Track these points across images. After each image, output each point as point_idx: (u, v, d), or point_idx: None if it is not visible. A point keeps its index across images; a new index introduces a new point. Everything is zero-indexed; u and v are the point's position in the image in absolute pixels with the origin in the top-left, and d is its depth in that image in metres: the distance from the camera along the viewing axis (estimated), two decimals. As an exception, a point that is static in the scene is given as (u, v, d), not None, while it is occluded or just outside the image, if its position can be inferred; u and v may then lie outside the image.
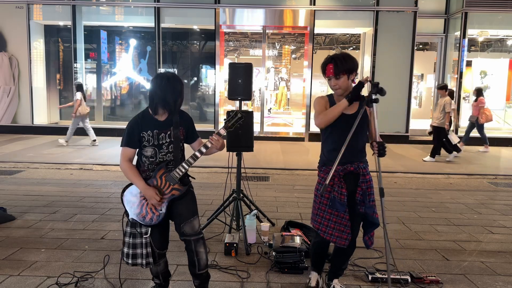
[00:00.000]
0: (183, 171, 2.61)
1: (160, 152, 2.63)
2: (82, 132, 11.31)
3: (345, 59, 2.68)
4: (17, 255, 3.56)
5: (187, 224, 2.64)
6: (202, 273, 2.72)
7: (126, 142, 2.64)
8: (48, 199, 5.32)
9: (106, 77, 12.74)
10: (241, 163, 4.22)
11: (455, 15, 11.32)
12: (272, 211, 4.95)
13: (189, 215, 2.66)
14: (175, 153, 2.65)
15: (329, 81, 2.73)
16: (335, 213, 2.71)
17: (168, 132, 2.64)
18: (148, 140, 2.61)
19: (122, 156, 2.65)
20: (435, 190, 6.34)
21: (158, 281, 2.84)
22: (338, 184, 2.70)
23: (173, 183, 2.61)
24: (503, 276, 3.36)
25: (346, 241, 2.71)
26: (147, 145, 2.62)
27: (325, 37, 16.91)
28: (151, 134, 2.61)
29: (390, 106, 11.17)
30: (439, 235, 4.30)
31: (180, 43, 13.51)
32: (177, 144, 2.66)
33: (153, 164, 2.64)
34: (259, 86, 14.26)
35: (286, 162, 8.15)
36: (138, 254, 2.66)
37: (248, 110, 5.25)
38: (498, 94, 11.39)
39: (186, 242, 2.66)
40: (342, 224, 2.70)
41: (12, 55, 11.30)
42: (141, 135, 2.61)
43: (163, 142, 2.63)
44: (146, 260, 2.65)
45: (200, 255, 2.67)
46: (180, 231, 2.66)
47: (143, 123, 2.63)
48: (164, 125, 2.64)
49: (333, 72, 2.67)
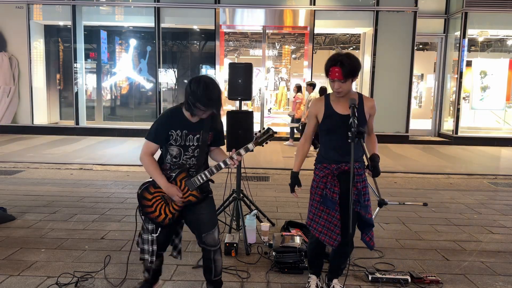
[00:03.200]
0: (204, 179, 2.58)
1: (185, 154, 2.58)
2: (82, 132, 11.34)
3: (352, 62, 2.60)
4: (17, 255, 3.56)
5: (209, 236, 2.65)
6: (217, 279, 2.78)
7: (153, 137, 2.56)
8: (48, 199, 5.32)
9: (106, 77, 12.74)
10: (241, 163, 4.22)
11: (455, 15, 11.32)
12: (272, 211, 4.95)
13: (211, 225, 2.66)
14: (199, 158, 2.61)
15: (333, 83, 2.66)
16: (326, 210, 2.72)
17: (197, 135, 2.58)
18: (176, 139, 2.55)
19: (145, 150, 2.58)
20: (435, 190, 6.34)
21: (148, 275, 2.84)
22: (331, 182, 2.72)
23: (191, 189, 2.59)
24: (503, 276, 3.36)
25: (335, 242, 2.70)
26: (173, 144, 2.56)
27: (325, 37, 16.92)
28: (180, 134, 2.54)
29: (390, 106, 11.18)
30: (439, 235, 4.30)
31: (180, 43, 13.51)
32: (203, 149, 2.61)
33: (176, 164, 2.60)
34: (259, 86, 14.27)
35: (286, 162, 8.15)
36: (145, 249, 2.69)
37: (248, 110, 5.26)
38: (498, 94, 11.38)
39: (205, 251, 2.70)
40: (332, 223, 2.70)
41: (12, 55, 11.30)
42: (169, 133, 2.53)
43: (190, 144, 2.57)
44: (151, 258, 2.68)
45: (217, 263, 2.72)
46: (201, 240, 2.66)
47: (173, 121, 2.55)
48: (194, 127, 2.56)
49: (341, 76, 2.58)
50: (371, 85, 11.34)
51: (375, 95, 11.24)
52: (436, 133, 12.16)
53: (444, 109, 12.03)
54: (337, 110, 2.72)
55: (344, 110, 2.69)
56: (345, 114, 2.69)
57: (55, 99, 12.71)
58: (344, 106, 2.71)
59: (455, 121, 11.31)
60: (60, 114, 12.78)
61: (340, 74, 2.58)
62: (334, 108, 2.73)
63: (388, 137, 10.92)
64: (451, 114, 11.81)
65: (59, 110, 12.69)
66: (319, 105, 2.79)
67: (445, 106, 12.04)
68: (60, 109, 12.89)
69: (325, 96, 2.82)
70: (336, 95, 2.73)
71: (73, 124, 11.55)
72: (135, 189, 5.90)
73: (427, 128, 12.48)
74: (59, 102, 12.86)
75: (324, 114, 2.75)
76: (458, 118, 11.32)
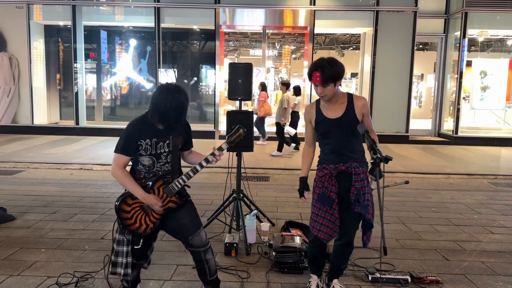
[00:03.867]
0: (182, 184, 2.57)
1: (158, 162, 2.54)
2: (82, 132, 11.34)
3: (331, 65, 2.63)
4: (17, 255, 3.56)
5: (195, 237, 2.61)
6: (213, 279, 2.74)
7: (122, 149, 2.50)
8: (48, 199, 5.32)
9: (106, 77, 12.74)
10: (241, 163, 4.23)
11: (455, 15, 11.32)
12: (272, 211, 4.95)
13: (195, 227, 2.63)
14: (173, 163, 2.59)
15: (316, 88, 2.72)
16: (323, 208, 2.75)
17: (167, 141, 2.54)
18: (146, 149, 2.50)
19: (116, 163, 2.52)
20: (435, 190, 6.34)
21: (127, 284, 2.74)
22: (329, 181, 2.75)
23: (170, 196, 2.57)
24: (503, 276, 3.36)
25: (330, 237, 2.76)
26: (143, 154, 2.51)
27: (325, 37, 16.92)
28: (149, 143, 2.49)
29: (390, 106, 11.19)
30: (439, 235, 4.30)
31: (180, 43, 13.51)
32: (175, 154, 2.59)
33: (150, 173, 2.56)
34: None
35: (286, 162, 8.15)
36: (119, 262, 2.62)
37: (248, 110, 5.26)
38: (498, 94, 11.38)
39: (195, 253, 2.65)
40: (330, 221, 2.74)
41: (12, 55, 11.30)
42: (138, 143, 2.48)
43: (162, 152, 2.53)
44: (124, 271, 2.61)
45: (210, 263, 2.68)
46: (188, 243, 2.62)
47: (141, 130, 2.50)
48: (163, 133, 2.53)
49: (320, 80, 2.63)
50: (371, 85, 11.34)
51: (375, 95, 11.25)
52: (436, 133, 12.16)
53: (444, 109, 12.03)
54: (327, 115, 2.77)
55: (334, 114, 2.75)
56: (335, 118, 2.74)
57: (55, 99, 12.71)
58: (334, 110, 2.75)
59: (455, 121, 11.31)
60: (60, 114, 12.77)
61: (319, 79, 2.63)
62: (324, 114, 2.78)
63: (388, 137, 10.92)
64: (451, 114, 11.81)
65: (59, 110, 12.69)
66: (311, 112, 2.84)
67: (445, 106, 12.04)
68: (60, 109, 12.89)
69: (316, 101, 2.87)
70: (321, 99, 2.78)
71: (73, 124, 11.56)
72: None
73: (427, 128, 12.48)
74: (59, 102, 12.86)
75: (316, 120, 2.81)
76: (458, 118, 11.32)
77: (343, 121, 2.72)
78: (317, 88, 2.70)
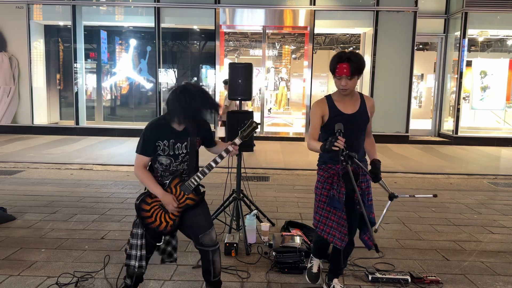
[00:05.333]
0: (198, 181, 2.59)
1: (175, 162, 2.60)
2: (82, 132, 11.34)
3: (359, 59, 2.61)
4: (17, 255, 3.56)
5: (206, 236, 2.64)
6: (216, 280, 2.78)
7: (141, 150, 2.59)
8: (48, 199, 5.32)
9: (106, 77, 12.74)
10: (241, 163, 4.23)
11: (455, 15, 11.32)
12: (272, 211, 4.94)
13: (207, 226, 2.66)
14: (190, 163, 2.63)
15: (339, 80, 2.64)
16: (333, 211, 2.71)
17: (184, 142, 2.59)
18: (163, 150, 2.56)
19: (137, 164, 2.60)
20: (435, 190, 6.33)
21: (130, 282, 2.77)
22: (337, 182, 2.71)
23: (187, 193, 2.61)
24: (503, 276, 3.36)
25: (343, 242, 2.69)
26: (161, 155, 2.57)
27: (325, 37, 16.92)
28: (167, 144, 2.55)
29: (390, 106, 11.18)
30: (439, 235, 4.30)
31: (180, 43, 13.51)
32: (193, 154, 2.63)
33: (167, 171, 2.62)
34: (259, 86, 14.27)
35: (286, 162, 8.14)
36: (133, 255, 2.66)
37: (248, 110, 5.26)
38: (498, 94, 11.38)
39: (203, 252, 2.68)
40: (340, 223, 2.70)
41: (12, 55, 11.30)
42: (156, 144, 2.55)
43: (179, 153, 2.59)
44: (139, 263, 2.66)
45: (216, 264, 2.71)
46: (198, 242, 2.66)
47: (158, 131, 2.56)
48: (181, 134, 2.58)
49: (348, 72, 2.57)
50: (371, 85, 11.33)
51: (375, 95, 11.24)
52: (436, 133, 12.16)
53: (444, 109, 12.02)
54: (343, 110, 2.71)
55: (349, 109, 2.70)
56: (351, 114, 2.70)
57: (55, 99, 12.70)
58: (350, 105, 2.71)
59: (455, 121, 11.30)
60: (60, 114, 12.77)
61: (348, 70, 2.57)
62: (339, 108, 2.72)
63: (388, 137, 10.92)
64: (451, 114, 11.80)
65: (59, 110, 12.67)
66: (324, 107, 2.74)
67: (445, 106, 12.03)
68: (60, 109, 12.88)
69: (327, 97, 2.80)
70: (342, 92, 2.70)
71: (73, 124, 11.55)
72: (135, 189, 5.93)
73: (427, 128, 12.48)
74: (59, 102, 12.85)
75: (330, 114, 2.72)
76: (458, 118, 11.31)
77: (358, 117, 2.70)
78: (341, 81, 2.62)
